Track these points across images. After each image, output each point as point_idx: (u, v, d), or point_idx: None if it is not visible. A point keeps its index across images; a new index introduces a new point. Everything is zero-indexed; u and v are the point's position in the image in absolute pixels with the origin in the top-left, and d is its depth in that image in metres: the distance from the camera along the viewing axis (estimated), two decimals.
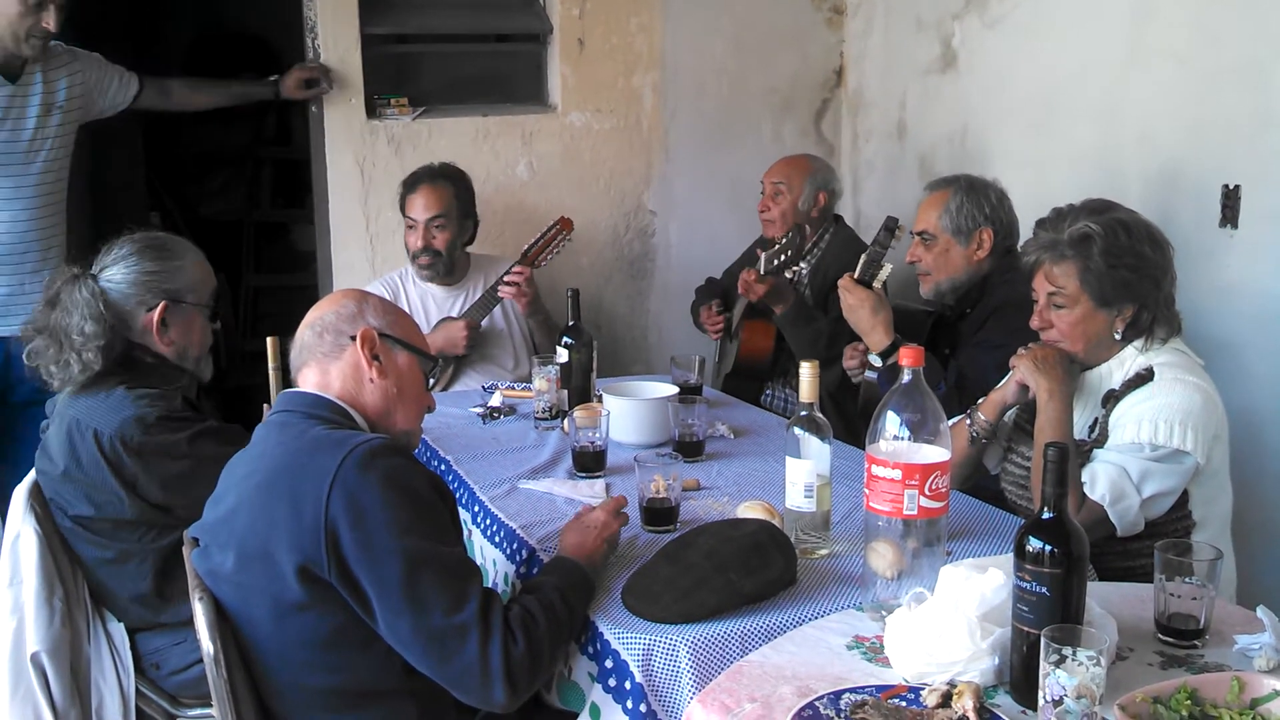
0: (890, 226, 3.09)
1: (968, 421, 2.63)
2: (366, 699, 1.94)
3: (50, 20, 3.29)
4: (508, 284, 3.78)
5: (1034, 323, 2.55)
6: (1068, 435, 2.39)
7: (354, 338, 2.06)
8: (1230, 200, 3.10)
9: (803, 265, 3.50)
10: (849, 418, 3.40)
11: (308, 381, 2.09)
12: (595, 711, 1.94)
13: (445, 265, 3.86)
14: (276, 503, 1.88)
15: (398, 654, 1.91)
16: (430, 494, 1.94)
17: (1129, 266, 2.43)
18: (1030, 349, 2.50)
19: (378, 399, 2.07)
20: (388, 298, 3.70)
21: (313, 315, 2.11)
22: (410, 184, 3.85)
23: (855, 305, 3.05)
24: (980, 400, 2.66)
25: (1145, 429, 2.34)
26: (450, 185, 3.86)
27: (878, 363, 3.05)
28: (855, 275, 3.08)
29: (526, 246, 3.92)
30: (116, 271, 2.52)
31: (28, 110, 3.40)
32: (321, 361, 2.07)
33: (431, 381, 2.19)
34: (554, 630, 1.94)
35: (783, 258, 3.48)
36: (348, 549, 1.83)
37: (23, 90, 3.39)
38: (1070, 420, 2.42)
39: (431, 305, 3.90)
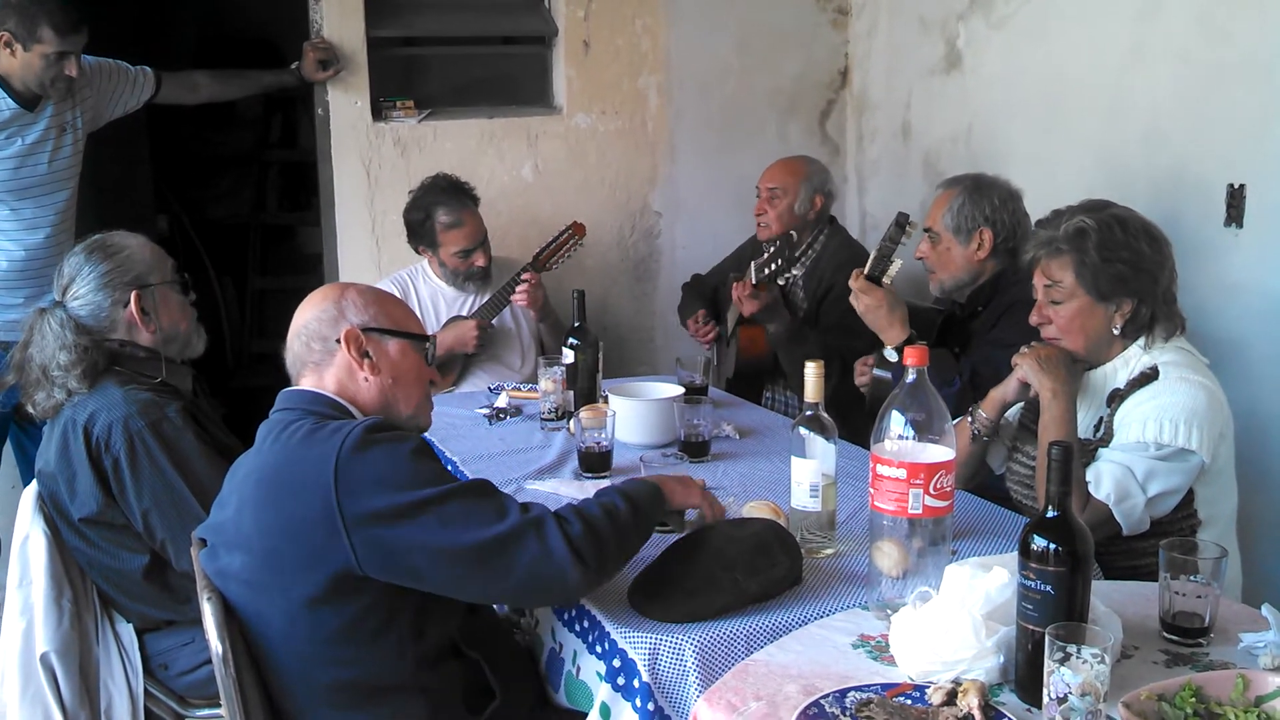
0: (901, 222, 3.09)
1: (969, 419, 2.64)
2: (377, 694, 1.95)
3: (72, 68, 3.38)
4: (519, 292, 3.80)
5: (1033, 318, 2.56)
6: (1071, 434, 2.39)
7: (339, 340, 2.04)
8: (1235, 199, 3.10)
9: (795, 271, 3.48)
10: (849, 423, 3.39)
11: (304, 385, 2.08)
12: (605, 711, 1.94)
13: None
14: (280, 500, 1.89)
15: (408, 647, 1.92)
16: (426, 450, 1.95)
17: (1125, 261, 2.44)
18: (1033, 347, 2.51)
19: (375, 394, 2.06)
20: (397, 296, 3.74)
21: (297, 323, 2.09)
22: (450, 215, 3.82)
23: (873, 305, 3.04)
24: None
25: (1150, 428, 2.35)
26: (473, 201, 3.89)
27: (894, 357, 3.05)
28: (865, 271, 3.08)
29: (538, 250, 3.93)
30: (78, 288, 2.54)
31: (47, 136, 3.46)
32: (315, 369, 2.07)
33: (431, 355, 2.16)
34: (611, 519, 1.94)
35: (773, 266, 3.46)
36: (376, 527, 1.82)
37: (40, 118, 3.44)
38: (1074, 419, 2.42)
39: (442, 304, 3.92)
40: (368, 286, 2.17)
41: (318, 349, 2.06)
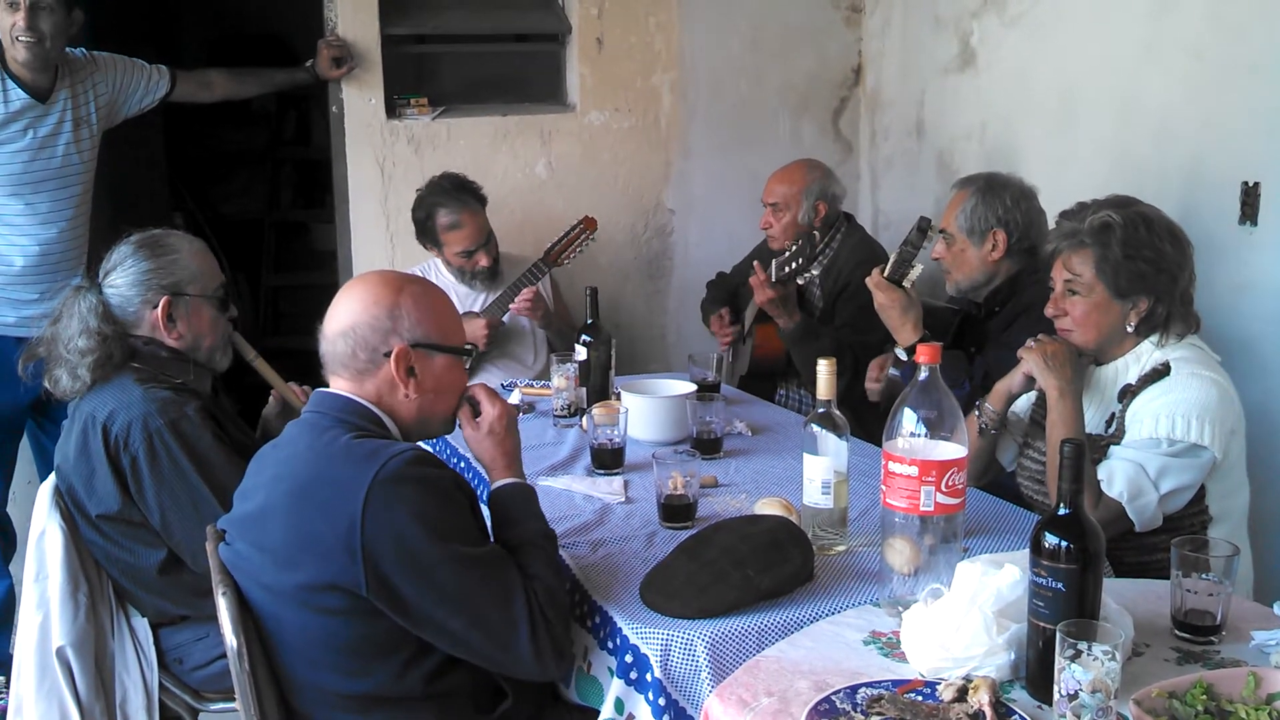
0: (923, 227, 3.05)
1: (976, 413, 2.64)
2: (386, 704, 1.96)
3: (20, 18, 3.25)
4: (520, 301, 3.81)
5: (1048, 310, 2.56)
6: (1080, 431, 2.39)
7: (388, 355, 1.99)
8: (1249, 197, 3.09)
9: (815, 271, 3.47)
10: (862, 421, 3.39)
11: (340, 387, 2.04)
12: (620, 705, 1.95)
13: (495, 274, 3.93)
14: (307, 514, 1.88)
15: (417, 664, 1.93)
16: (458, 495, 1.95)
17: (1146, 260, 2.44)
18: (1040, 342, 2.50)
19: (412, 410, 2.03)
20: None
21: (344, 320, 2.00)
22: (449, 216, 3.83)
23: (886, 304, 3.02)
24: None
25: (1163, 424, 2.35)
26: (476, 201, 3.89)
27: (904, 357, 3.05)
28: (885, 273, 3.06)
29: (550, 245, 3.95)
30: (117, 276, 2.55)
31: (61, 129, 3.44)
32: (356, 376, 2.01)
33: (470, 363, 2.15)
34: (562, 582, 2.04)
35: (794, 265, 3.45)
36: (390, 568, 1.83)
37: (53, 110, 3.43)
38: (1081, 417, 2.43)
39: (454, 300, 3.92)
40: (423, 289, 2.08)
41: (363, 357, 2.00)
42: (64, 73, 3.45)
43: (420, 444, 2.11)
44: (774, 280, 3.51)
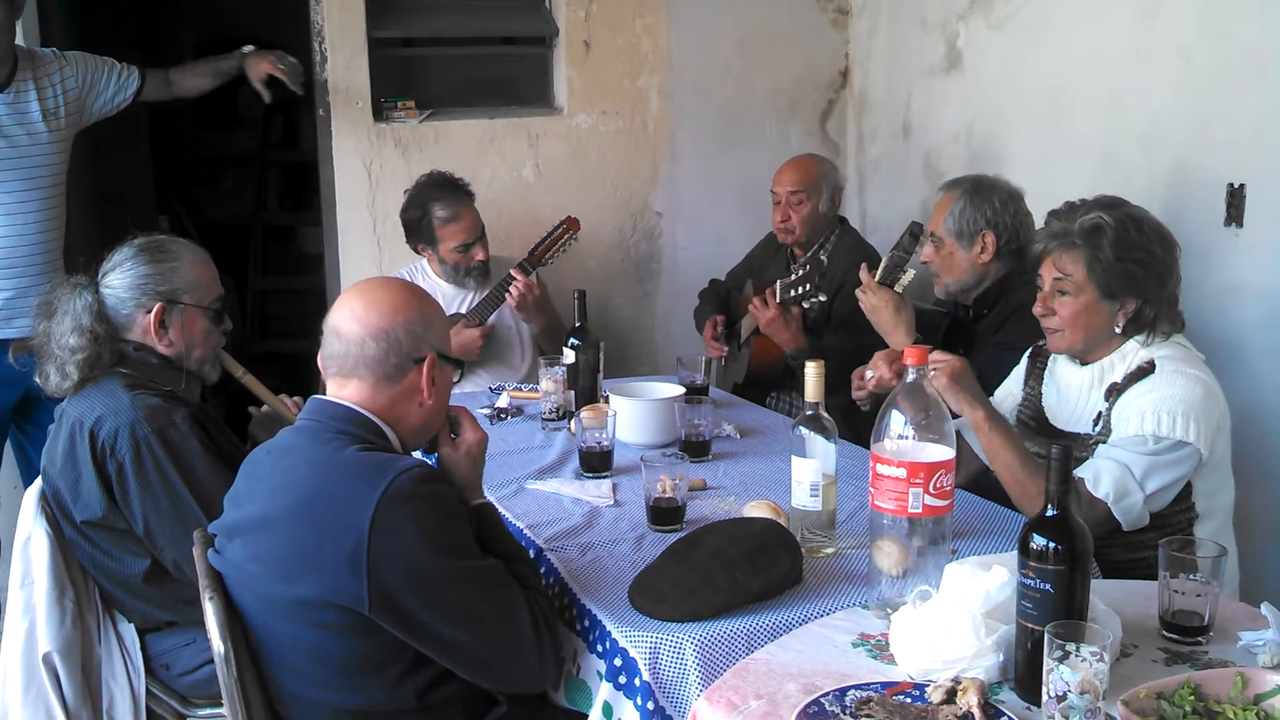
0: (915, 232, 3.04)
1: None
2: (378, 717, 1.95)
3: None
4: (514, 294, 3.81)
5: (1036, 309, 2.56)
6: (1012, 436, 2.44)
7: (419, 360, 1.96)
8: (1235, 199, 3.10)
9: (821, 298, 3.44)
10: (851, 423, 3.38)
11: (348, 392, 1.98)
12: (608, 710, 1.95)
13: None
14: (309, 529, 1.85)
15: (410, 679, 1.92)
16: (461, 511, 1.95)
17: (1137, 261, 2.45)
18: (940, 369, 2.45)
19: (420, 419, 2.01)
20: None
21: (377, 323, 1.94)
22: (447, 209, 3.82)
23: (878, 306, 3.00)
24: None
25: (1148, 421, 2.35)
26: (469, 197, 3.90)
27: None
28: (876, 278, 3.05)
29: (533, 246, 3.94)
30: (115, 277, 2.54)
31: (26, 119, 3.40)
32: (375, 383, 1.96)
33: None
34: (547, 594, 2.08)
35: (802, 289, 3.44)
36: (398, 586, 1.82)
37: (16, 99, 3.38)
38: (1004, 421, 2.47)
39: (440, 302, 3.90)
40: (434, 301, 2.11)
41: (394, 361, 1.94)
42: (25, 65, 3.41)
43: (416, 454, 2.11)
44: (779, 302, 3.49)
